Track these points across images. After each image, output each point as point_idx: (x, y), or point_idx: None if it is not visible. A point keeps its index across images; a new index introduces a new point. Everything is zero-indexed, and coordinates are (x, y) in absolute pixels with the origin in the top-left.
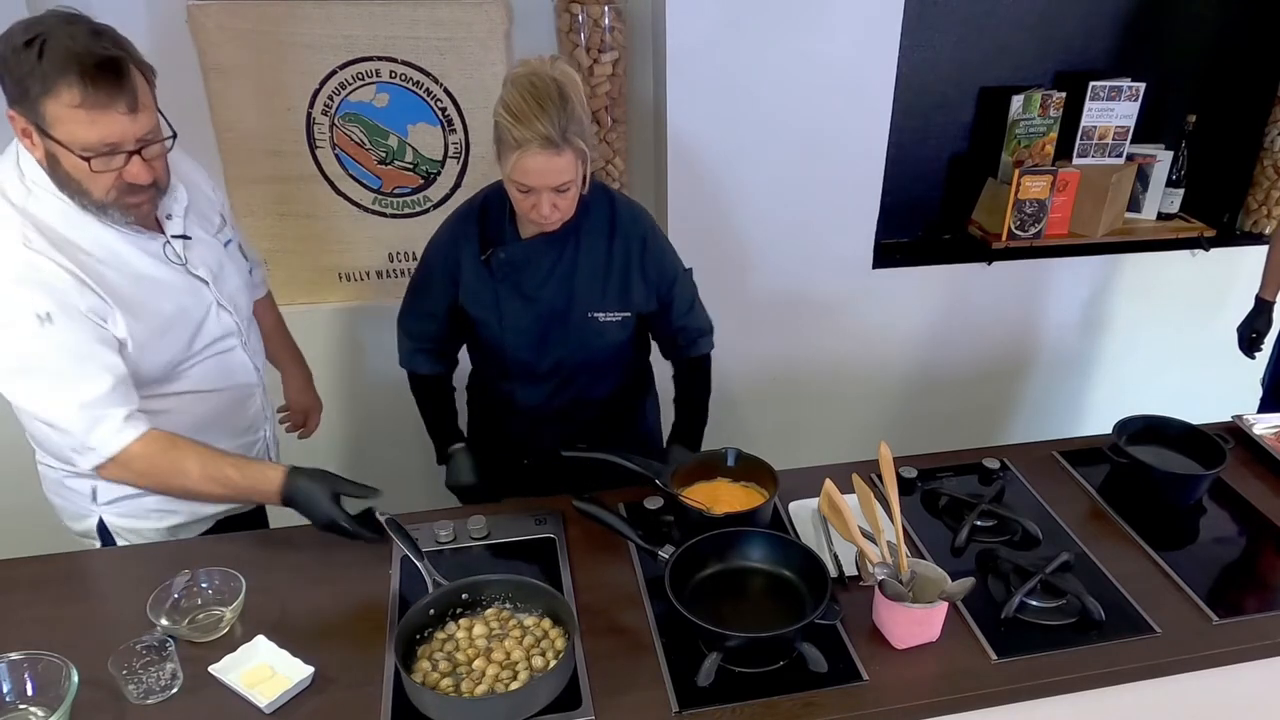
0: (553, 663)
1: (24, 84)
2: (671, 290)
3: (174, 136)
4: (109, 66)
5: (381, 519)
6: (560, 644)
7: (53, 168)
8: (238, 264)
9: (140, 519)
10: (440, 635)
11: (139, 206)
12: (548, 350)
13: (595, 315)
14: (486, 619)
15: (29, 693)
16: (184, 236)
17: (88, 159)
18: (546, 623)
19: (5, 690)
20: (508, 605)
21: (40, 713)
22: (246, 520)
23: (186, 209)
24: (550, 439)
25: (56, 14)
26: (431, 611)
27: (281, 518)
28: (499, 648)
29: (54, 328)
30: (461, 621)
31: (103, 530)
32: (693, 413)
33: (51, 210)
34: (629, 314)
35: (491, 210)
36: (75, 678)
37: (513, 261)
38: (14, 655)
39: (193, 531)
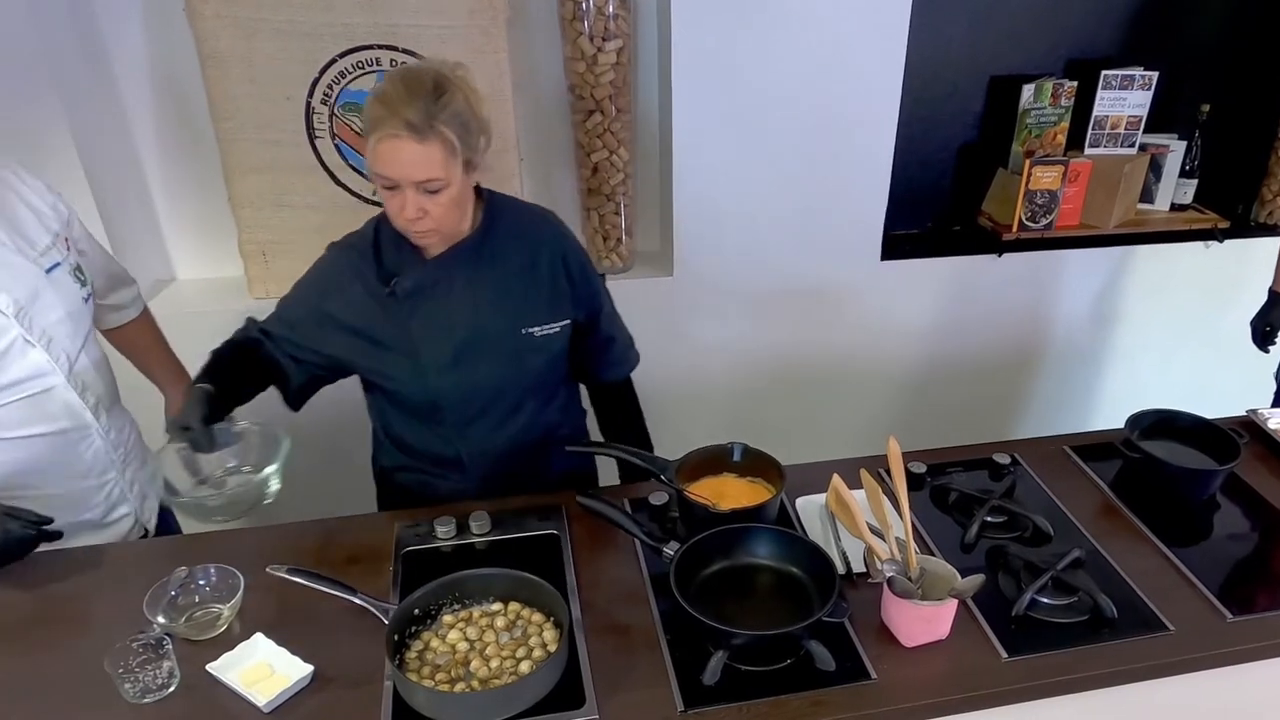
0: (545, 656)
1: None
2: (598, 296)
3: None
4: None
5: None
6: (551, 637)
7: None
8: (65, 291)
9: None
10: (431, 631)
11: None
12: (481, 379)
13: (530, 331)
14: (475, 615)
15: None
16: None
17: None
18: (539, 616)
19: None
20: (498, 600)
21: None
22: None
23: None
24: (500, 476)
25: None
26: (417, 610)
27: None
28: (490, 643)
29: None
30: (451, 617)
31: None
32: (644, 439)
33: None
34: (566, 321)
35: (384, 240)
36: (287, 444)
37: (420, 287)
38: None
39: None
